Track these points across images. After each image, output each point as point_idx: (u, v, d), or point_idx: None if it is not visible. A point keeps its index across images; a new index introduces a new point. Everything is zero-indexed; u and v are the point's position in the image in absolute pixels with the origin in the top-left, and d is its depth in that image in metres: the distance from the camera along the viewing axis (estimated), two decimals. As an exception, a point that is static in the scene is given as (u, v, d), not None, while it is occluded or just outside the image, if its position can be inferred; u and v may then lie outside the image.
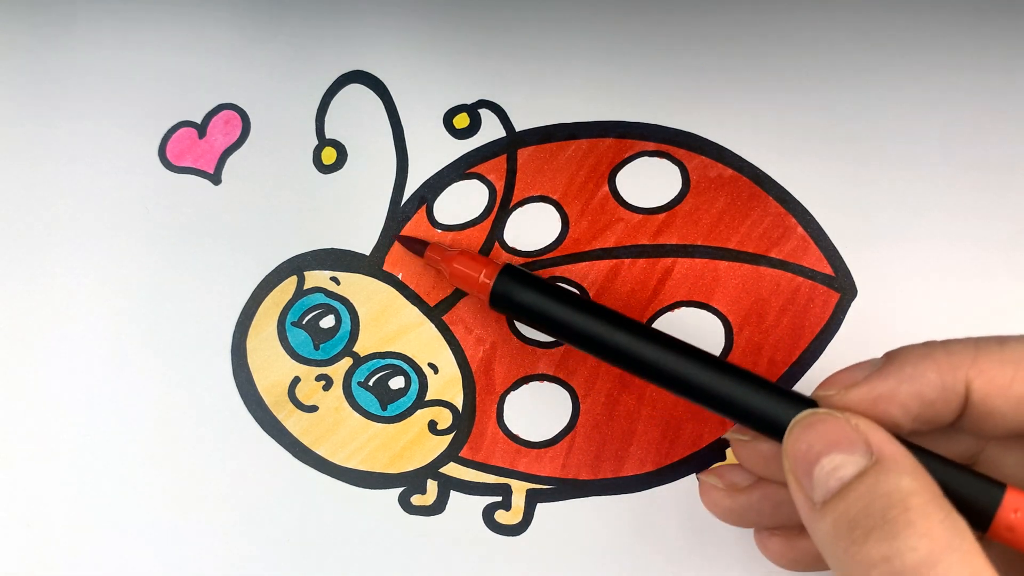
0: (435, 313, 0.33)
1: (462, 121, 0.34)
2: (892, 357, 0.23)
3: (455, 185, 0.34)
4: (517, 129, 0.34)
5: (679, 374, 0.25)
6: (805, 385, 0.31)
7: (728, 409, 0.25)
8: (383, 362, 0.33)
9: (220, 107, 0.36)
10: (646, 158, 0.33)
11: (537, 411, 0.32)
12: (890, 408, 0.23)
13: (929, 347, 0.23)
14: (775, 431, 0.24)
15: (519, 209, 0.33)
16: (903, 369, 0.23)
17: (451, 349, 0.33)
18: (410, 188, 0.34)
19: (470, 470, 0.33)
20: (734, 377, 0.25)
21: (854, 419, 0.22)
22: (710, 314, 0.32)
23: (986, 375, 0.22)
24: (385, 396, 0.33)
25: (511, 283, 0.28)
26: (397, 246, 0.34)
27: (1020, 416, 0.22)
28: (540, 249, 0.33)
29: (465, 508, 0.32)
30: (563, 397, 0.32)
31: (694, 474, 0.31)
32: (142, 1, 0.37)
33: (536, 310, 0.27)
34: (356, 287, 0.34)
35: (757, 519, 0.27)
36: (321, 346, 0.34)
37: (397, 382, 0.33)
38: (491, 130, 0.34)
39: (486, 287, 0.28)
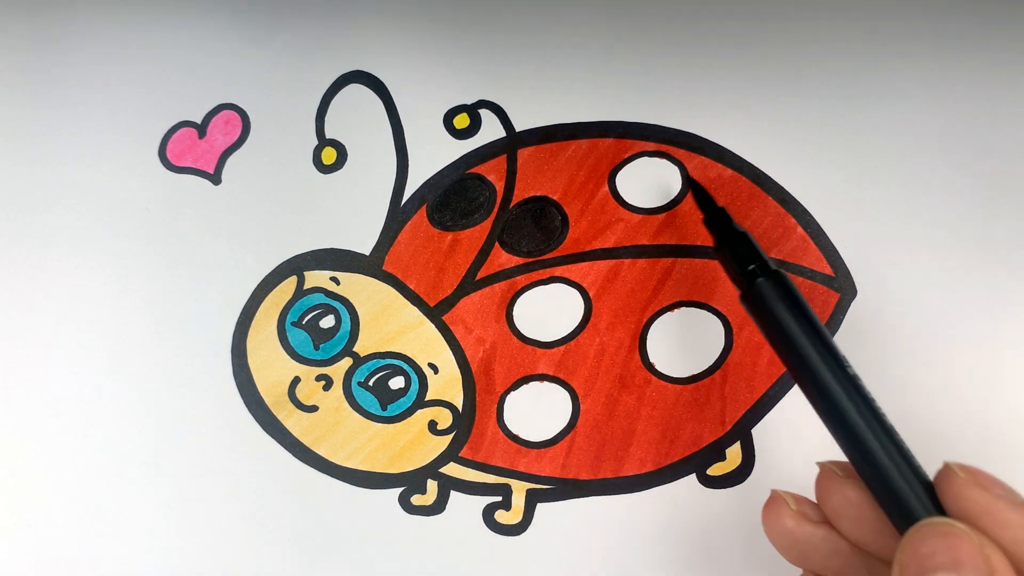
0: (435, 313, 0.33)
1: (462, 121, 0.34)
2: None
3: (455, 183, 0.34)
4: (517, 129, 0.34)
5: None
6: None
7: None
8: (383, 362, 0.33)
9: (220, 107, 0.36)
10: (646, 158, 0.33)
11: (537, 411, 0.32)
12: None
13: None
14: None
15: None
16: None
17: (451, 349, 0.33)
18: (410, 188, 0.34)
19: (470, 470, 0.33)
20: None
21: (989, 547, 0.21)
22: (710, 314, 0.32)
23: None
24: (385, 396, 0.33)
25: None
26: (397, 246, 0.34)
27: None
28: (540, 249, 0.33)
29: (465, 508, 0.32)
30: (563, 397, 0.32)
31: (694, 474, 0.31)
32: (142, 1, 0.37)
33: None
34: (356, 287, 0.34)
35: (810, 559, 0.26)
36: (321, 346, 0.34)
37: (397, 382, 0.33)
38: (491, 130, 0.34)
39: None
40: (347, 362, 0.33)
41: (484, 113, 0.34)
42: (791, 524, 0.25)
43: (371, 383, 0.33)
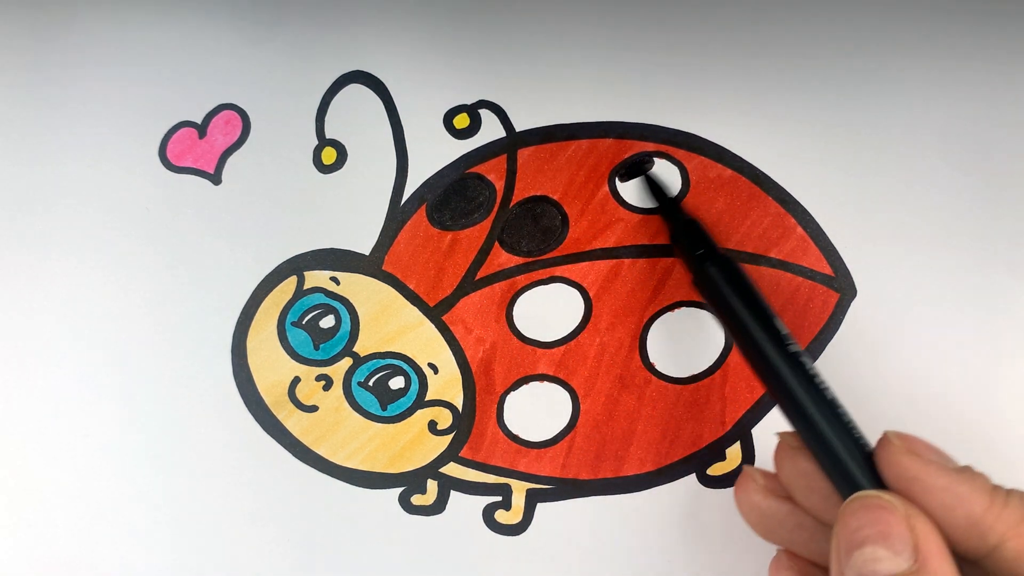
0: (435, 313, 0.33)
1: (462, 121, 0.34)
2: (969, 472, 0.23)
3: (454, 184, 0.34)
4: (517, 129, 0.34)
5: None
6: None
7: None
8: (383, 362, 0.33)
9: (220, 107, 0.36)
10: (646, 158, 0.33)
11: (537, 411, 0.32)
12: (953, 515, 0.22)
13: (982, 487, 0.22)
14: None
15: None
16: (958, 488, 0.22)
17: (451, 349, 0.33)
18: (410, 188, 0.34)
19: (470, 470, 0.33)
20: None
21: (916, 518, 0.22)
22: (710, 314, 0.32)
23: (1022, 540, 0.21)
24: (385, 396, 0.33)
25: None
26: (397, 246, 0.34)
27: None
28: (540, 248, 0.33)
29: (465, 508, 0.32)
30: (563, 397, 0.32)
31: (694, 474, 0.31)
32: (142, 1, 0.37)
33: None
34: (356, 287, 0.34)
35: (776, 532, 0.26)
36: (321, 346, 0.34)
37: (397, 382, 0.33)
38: (491, 130, 0.34)
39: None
40: (347, 362, 0.33)
41: (484, 113, 0.34)
42: (758, 498, 0.26)
43: (371, 383, 0.33)
